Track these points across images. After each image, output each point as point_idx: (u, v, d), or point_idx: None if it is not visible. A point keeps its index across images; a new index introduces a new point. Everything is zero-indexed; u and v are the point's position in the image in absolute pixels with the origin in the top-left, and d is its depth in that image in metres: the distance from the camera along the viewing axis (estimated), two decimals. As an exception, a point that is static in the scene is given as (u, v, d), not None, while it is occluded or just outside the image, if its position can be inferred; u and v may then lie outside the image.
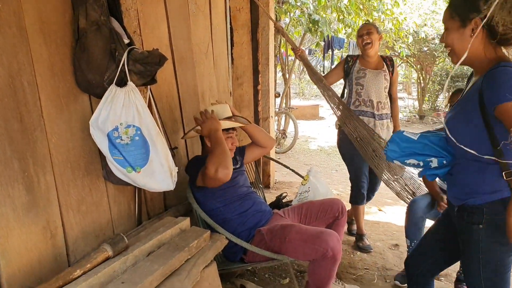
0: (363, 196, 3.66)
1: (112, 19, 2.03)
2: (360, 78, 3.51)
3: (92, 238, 2.08)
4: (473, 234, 1.76)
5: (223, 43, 3.58)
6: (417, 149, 1.95)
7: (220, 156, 2.33)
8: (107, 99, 1.95)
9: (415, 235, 3.00)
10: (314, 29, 7.29)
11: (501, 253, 1.73)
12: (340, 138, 3.69)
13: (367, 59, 3.55)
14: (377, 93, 3.49)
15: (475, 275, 1.81)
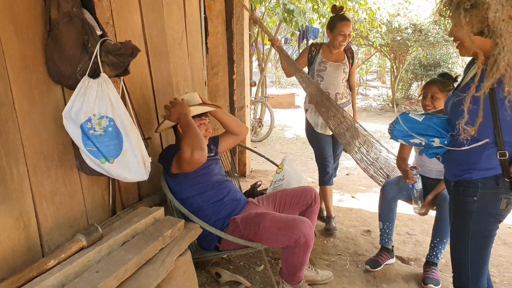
0: (329, 176, 3.82)
1: (84, 10, 2.02)
2: (321, 71, 3.69)
3: (66, 229, 2.09)
4: (466, 206, 1.94)
5: (197, 33, 3.58)
6: (421, 129, 2.13)
7: (194, 138, 2.38)
8: (80, 91, 1.95)
9: (388, 216, 3.10)
10: (289, 19, 7.32)
11: (490, 224, 1.93)
12: (306, 123, 3.86)
13: (332, 51, 3.68)
14: (335, 86, 3.69)
15: (463, 243, 1.99)
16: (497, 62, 0.92)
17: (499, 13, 0.86)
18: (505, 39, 0.88)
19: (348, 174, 6.25)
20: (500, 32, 0.88)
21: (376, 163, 3.67)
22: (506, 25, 0.87)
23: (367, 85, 19.24)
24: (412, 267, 3.20)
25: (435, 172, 3.13)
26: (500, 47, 0.89)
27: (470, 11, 0.96)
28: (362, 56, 17.86)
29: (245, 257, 3.20)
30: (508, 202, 1.89)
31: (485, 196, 1.90)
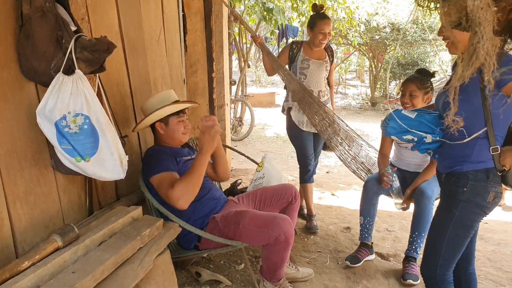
0: (311, 174, 3.84)
1: (58, 5, 1.98)
2: (304, 68, 3.69)
3: (41, 229, 2.04)
4: (456, 195, 1.99)
5: (175, 30, 3.55)
6: (414, 126, 2.19)
7: (191, 186, 2.36)
8: (54, 88, 1.90)
9: (369, 212, 3.14)
10: (269, 17, 7.31)
11: (475, 214, 1.98)
12: (288, 121, 3.86)
13: (314, 49, 3.68)
14: (318, 84, 3.71)
15: (443, 228, 2.03)
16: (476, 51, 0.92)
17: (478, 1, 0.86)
18: (484, 27, 0.88)
19: (328, 172, 6.28)
20: (478, 20, 0.88)
21: (358, 158, 3.72)
22: (485, 13, 0.87)
23: (346, 84, 19.39)
24: (391, 263, 3.22)
25: (413, 165, 3.22)
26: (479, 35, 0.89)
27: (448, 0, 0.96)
28: (341, 55, 17.99)
29: (225, 256, 3.18)
30: (495, 195, 1.94)
31: (475, 188, 1.95)
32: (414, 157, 3.18)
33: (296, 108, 3.73)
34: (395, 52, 13.42)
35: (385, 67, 14.29)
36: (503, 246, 3.57)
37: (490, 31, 0.91)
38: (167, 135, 2.60)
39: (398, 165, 3.29)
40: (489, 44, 0.91)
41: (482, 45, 0.90)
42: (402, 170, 3.23)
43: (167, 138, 2.61)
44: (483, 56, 0.90)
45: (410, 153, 3.19)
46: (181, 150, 2.69)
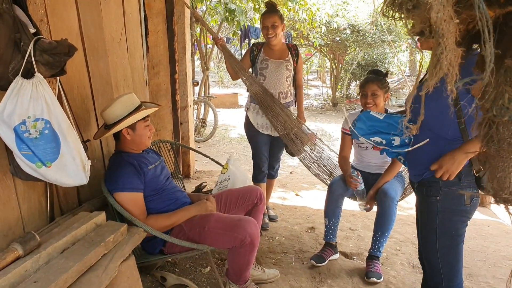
0: (263, 175, 3.89)
1: (15, 7, 1.91)
2: (263, 69, 3.68)
3: (0, 238, 1.97)
4: (431, 206, 1.97)
5: (137, 31, 3.49)
6: (382, 128, 2.17)
7: (165, 227, 2.52)
8: (13, 92, 1.84)
9: (334, 213, 3.18)
10: (231, 18, 7.30)
11: (455, 223, 1.94)
12: (246, 120, 3.88)
13: (271, 47, 3.69)
14: (278, 84, 3.68)
15: (431, 245, 2.01)
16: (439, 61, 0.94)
17: (441, 14, 0.89)
18: (447, 39, 0.91)
19: (292, 172, 6.32)
20: (442, 32, 0.91)
21: (320, 161, 3.75)
22: (448, 25, 0.90)
23: (308, 84, 19.59)
24: (355, 261, 3.28)
25: (374, 166, 3.28)
26: (443, 46, 0.92)
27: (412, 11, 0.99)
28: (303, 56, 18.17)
29: (191, 259, 3.16)
30: (472, 196, 1.91)
31: (448, 194, 1.93)
32: (374, 157, 3.25)
33: (255, 109, 3.73)
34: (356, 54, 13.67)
35: (345, 68, 14.53)
36: (462, 242, 3.69)
37: (452, 42, 0.94)
38: (133, 141, 2.55)
39: (359, 168, 3.34)
40: (451, 55, 0.94)
41: (445, 55, 0.93)
42: (363, 172, 3.28)
43: (133, 143, 2.56)
44: (446, 66, 0.93)
45: (370, 154, 3.26)
46: (146, 157, 2.64)
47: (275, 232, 3.78)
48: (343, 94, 15.18)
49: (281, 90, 3.70)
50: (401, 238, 3.74)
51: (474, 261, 3.31)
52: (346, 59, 14.35)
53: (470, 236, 3.79)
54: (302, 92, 3.96)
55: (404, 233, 3.85)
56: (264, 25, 3.61)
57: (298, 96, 3.87)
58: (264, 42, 3.78)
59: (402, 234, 3.83)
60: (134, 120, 2.50)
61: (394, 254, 3.39)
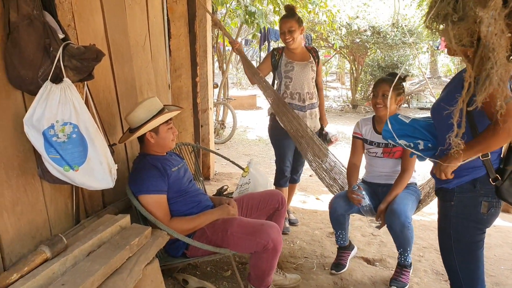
0: (286, 179, 3.84)
1: (45, 13, 1.95)
2: (289, 71, 3.64)
3: (28, 240, 2.01)
4: (446, 210, 1.98)
5: (160, 35, 3.53)
6: (408, 131, 2.17)
7: (189, 230, 2.53)
8: (42, 96, 1.88)
9: (339, 226, 3.12)
10: (251, 21, 7.32)
11: (470, 229, 1.93)
12: (271, 124, 3.84)
13: (292, 50, 3.68)
14: (305, 85, 3.66)
15: (448, 250, 2.02)
16: (489, 77, 0.93)
17: (492, 27, 0.87)
18: (497, 53, 0.90)
19: (311, 175, 6.29)
20: (492, 46, 0.89)
21: (331, 173, 3.67)
22: (499, 39, 0.89)
23: (327, 86, 19.52)
24: (377, 267, 3.25)
25: (384, 176, 3.15)
26: (493, 61, 0.90)
27: (458, 23, 0.97)
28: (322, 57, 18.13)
29: (212, 262, 3.17)
30: (490, 206, 1.89)
31: (462, 200, 1.93)
32: (385, 166, 3.13)
33: None
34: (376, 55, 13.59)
35: (365, 69, 14.45)
36: (486, 249, 3.60)
37: (503, 56, 0.92)
38: (157, 144, 2.58)
39: (368, 179, 3.24)
40: (502, 70, 0.93)
41: (496, 70, 0.92)
42: (373, 184, 3.19)
43: (157, 146, 2.59)
44: (497, 81, 0.91)
45: (381, 162, 3.14)
46: (170, 159, 2.66)
47: (295, 237, 3.77)
48: (363, 96, 15.10)
49: (308, 91, 3.67)
50: (424, 244, 3.70)
51: (500, 270, 3.25)
52: (366, 60, 14.26)
53: (496, 243, 3.73)
54: (323, 94, 3.95)
55: (427, 239, 3.80)
56: (281, 31, 3.62)
57: (320, 98, 3.87)
58: (284, 46, 3.78)
59: (425, 240, 3.79)
60: (157, 123, 2.52)
61: (417, 261, 3.35)
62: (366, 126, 3.22)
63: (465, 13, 0.95)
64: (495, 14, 0.89)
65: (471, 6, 0.91)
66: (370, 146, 3.18)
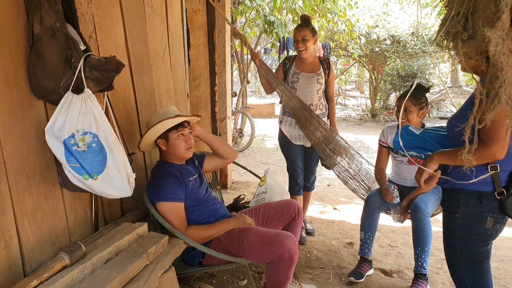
0: (299, 187, 3.87)
1: (68, 25, 2.00)
2: (294, 82, 3.73)
3: (48, 246, 2.05)
4: (450, 223, 1.99)
5: (180, 45, 3.57)
6: (419, 142, 2.22)
7: (205, 238, 2.54)
8: (63, 106, 1.92)
9: (370, 226, 3.17)
10: (270, 30, 7.36)
11: (474, 242, 1.94)
12: (280, 134, 3.92)
13: (303, 60, 3.74)
14: (308, 97, 3.71)
15: (454, 262, 2.04)
16: (498, 95, 0.93)
17: (500, 47, 0.88)
18: (505, 72, 0.90)
19: (329, 185, 6.29)
20: (501, 65, 0.89)
21: (358, 175, 3.72)
22: (507, 58, 0.89)
23: (346, 95, 19.46)
24: (394, 279, 3.22)
25: (409, 180, 3.26)
26: (501, 80, 0.90)
27: (467, 42, 0.97)
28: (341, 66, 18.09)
29: (228, 271, 3.18)
30: (495, 222, 1.89)
31: (468, 214, 1.93)
32: (410, 172, 3.22)
33: (287, 122, 3.77)
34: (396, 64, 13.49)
35: (385, 78, 14.35)
36: (506, 262, 3.57)
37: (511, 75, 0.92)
38: (169, 151, 2.61)
39: (395, 181, 3.34)
40: (511, 88, 0.93)
41: (504, 89, 0.92)
42: (399, 185, 3.26)
43: (170, 154, 2.62)
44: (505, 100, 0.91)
45: (406, 168, 3.25)
46: (187, 168, 2.69)
47: (312, 247, 3.76)
48: (382, 105, 15.00)
49: (312, 103, 3.72)
50: (443, 256, 3.62)
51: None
52: (386, 69, 14.18)
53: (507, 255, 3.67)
54: (334, 105, 3.99)
55: (445, 251, 3.75)
56: (295, 39, 3.69)
57: (330, 109, 3.90)
58: (297, 55, 3.83)
59: (443, 251, 3.73)
60: (163, 128, 2.54)
61: (435, 273, 3.31)
62: (391, 135, 3.30)
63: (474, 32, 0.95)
64: (502, 34, 0.89)
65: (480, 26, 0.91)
66: (395, 154, 3.30)
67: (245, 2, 6.99)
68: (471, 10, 0.96)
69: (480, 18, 0.91)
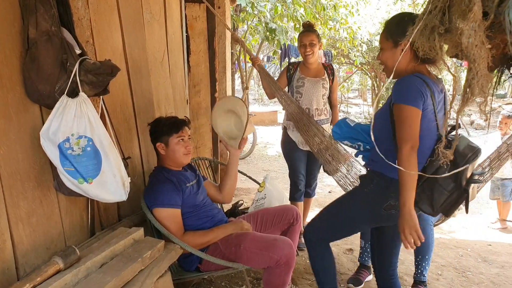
0: (301, 193, 3.87)
1: (63, 29, 2.00)
2: (300, 87, 3.72)
3: (43, 251, 2.04)
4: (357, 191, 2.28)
5: (179, 51, 3.58)
6: (353, 134, 2.43)
7: (201, 244, 2.53)
8: (58, 110, 1.92)
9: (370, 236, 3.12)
10: (271, 38, 7.38)
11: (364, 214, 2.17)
12: (283, 139, 3.91)
13: (308, 66, 3.75)
14: (314, 101, 3.72)
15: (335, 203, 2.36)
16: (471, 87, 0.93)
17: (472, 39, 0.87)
18: (478, 64, 0.90)
19: (331, 191, 6.27)
20: (473, 57, 0.89)
21: (356, 183, 3.68)
22: (479, 50, 0.89)
23: (349, 102, 19.46)
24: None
25: None
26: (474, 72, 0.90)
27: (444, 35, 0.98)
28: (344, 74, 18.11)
29: (227, 277, 3.16)
30: (393, 207, 2.01)
31: (374, 192, 2.10)
32: None
33: (294, 127, 3.75)
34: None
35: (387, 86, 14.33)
36: (507, 268, 3.55)
37: (484, 67, 0.92)
38: (168, 156, 2.60)
39: None
40: (483, 80, 0.93)
41: (477, 81, 0.92)
42: None
43: (168, 159, 2.61)
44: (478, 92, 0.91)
45: None
46: (185, 174, 2.68)
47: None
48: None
49: (317, 107, 3.73)
50: (443, 262, 3.63)
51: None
52: (388, 77, 14.17)
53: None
54: (338, 111, 4.00)
55: (446, 257, 3.73)
56: (302, 43, 3.68)
57: (334, 115, 3.91)
58: (300, 61, 3.85)
59: (443, 258, 3.71)
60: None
61: (435, 279, 3.28)
62: None
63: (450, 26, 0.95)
64: (475, 25, 0.89)
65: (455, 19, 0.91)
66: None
67: (247, 9, 7.01)
68: (448, 4, 0.97)
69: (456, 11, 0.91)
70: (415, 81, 1.93)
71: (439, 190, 1.92)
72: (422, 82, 1.93)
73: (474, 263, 3.65)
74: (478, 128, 13.18)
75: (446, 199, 1.94)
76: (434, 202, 1.94)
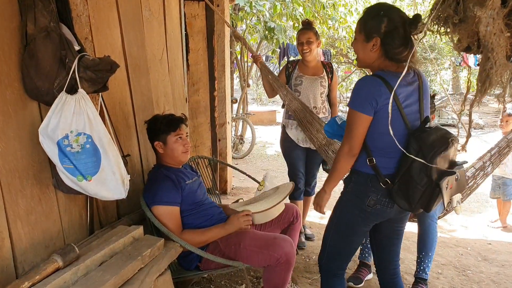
0: (300, 191, 3.85)
1: (62, 25, 1.99)
2: (298, 85, 3.72)
3: (41, 249, 2.02)
4: (342, 194, 2.22)
5: (178, 49, 3.57)
6: (342, 132, 2.36)
7: (199, 243, 2.50)
8: (57, 107, 1.90)
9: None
10: (270, 37, 7.37)
11: (355, 216, 2.13)
12: (282, 137, 3.90)
13: (306, 64, 3.75)
14: (312, 100, 3.72)
15: (330, 223, 2.29)
16: (489, 77, 0.91)
17: (490, 27, 0.86)
18: (496, 53, 0.88)
19: (330, 190, 6.24)
20: (491, 46, 0.87)
21: None
22: (498, 38, 0.87)
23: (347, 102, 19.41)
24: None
25: None
26: (492, 61, 0.88)
27: (459, 25, 0.96)
28: (342, 73, 18.10)
29: (227, 276, 3.15)
30: (377, 202, 2.02)
31: (355, 190, 2.11)
32: None
33: (293, 126, 3.74)
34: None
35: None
36: (507, 267, 3.54)
37: (503, 56, 0.90)
38: (166, 155, 2.59)
39: None
40: (502, 69, 0.91)
41: (495, 70, 0.90)
42: None
43: (167, 157, 2.60)
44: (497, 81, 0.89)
45: None
46: (184, 172, 2.67)
47: (311, 252, 3.73)
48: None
49: (315, 105, 3.72)
50: (443, 261, 3.61)
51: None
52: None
53: None
54: (337, 110, 3.99)
55: (446, 256, 3.72)
56: (299, 41, 3.68)
57: (333, 113, 3.90)
58: (299, 59, 3.84)
59: (443, 257, 3.70)
60: None
61: (435, 278, 3.27)
62: None
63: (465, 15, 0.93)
64: (493, 13, 0.87)
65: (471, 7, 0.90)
66: None
67: (245, 8, 6.99)
68: (463, -8, 0.96)
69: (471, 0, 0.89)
70: (368, 84, 1.95)
71: (413, 185, 1.90)
72: (379, 83, 1.90)
73: (474, 261, 3.64)
74: (476, 127, 13.17)
75: (421, 194, 1.92)
76: (410, 198, 1.93)
